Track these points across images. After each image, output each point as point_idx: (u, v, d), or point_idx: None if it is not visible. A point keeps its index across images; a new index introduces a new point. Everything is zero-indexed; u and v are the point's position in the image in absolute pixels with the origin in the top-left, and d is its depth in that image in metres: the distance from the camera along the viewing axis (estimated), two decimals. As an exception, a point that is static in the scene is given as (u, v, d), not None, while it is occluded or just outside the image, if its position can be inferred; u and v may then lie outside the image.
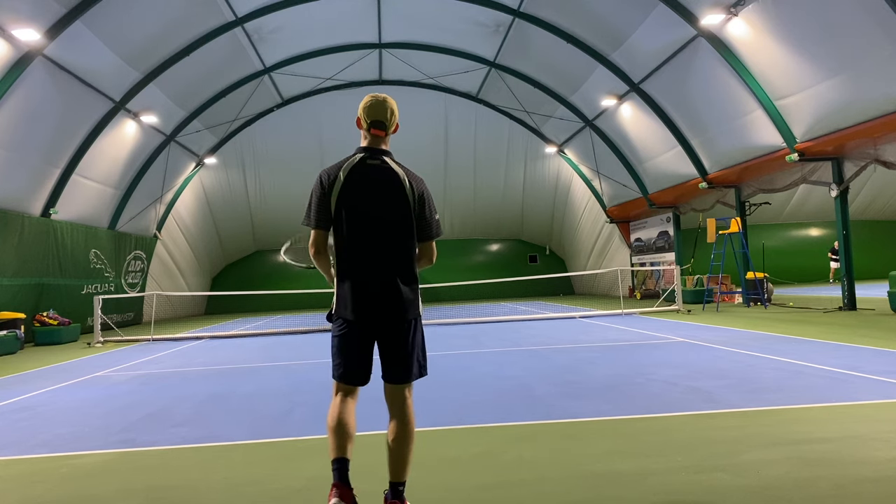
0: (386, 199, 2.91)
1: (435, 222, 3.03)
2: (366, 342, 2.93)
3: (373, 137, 3.04)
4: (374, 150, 3.01)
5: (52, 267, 16.24)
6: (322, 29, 19.21)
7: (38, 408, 6.42)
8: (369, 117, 3.03)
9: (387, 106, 3.05)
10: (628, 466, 3.58)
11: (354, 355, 2.92)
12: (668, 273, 21.01)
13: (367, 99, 3.07)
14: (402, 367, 2.95)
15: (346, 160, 2.98)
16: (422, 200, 2.97)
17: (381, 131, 3.03)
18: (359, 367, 2.94)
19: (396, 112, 3.09)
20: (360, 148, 3.05)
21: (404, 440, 2.88)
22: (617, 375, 6.62)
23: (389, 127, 3.07)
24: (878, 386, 5.39)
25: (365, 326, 2.90)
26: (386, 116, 3.04)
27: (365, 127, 3.05)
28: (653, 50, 16.10)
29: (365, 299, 2.88)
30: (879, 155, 12.74)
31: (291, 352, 10.72)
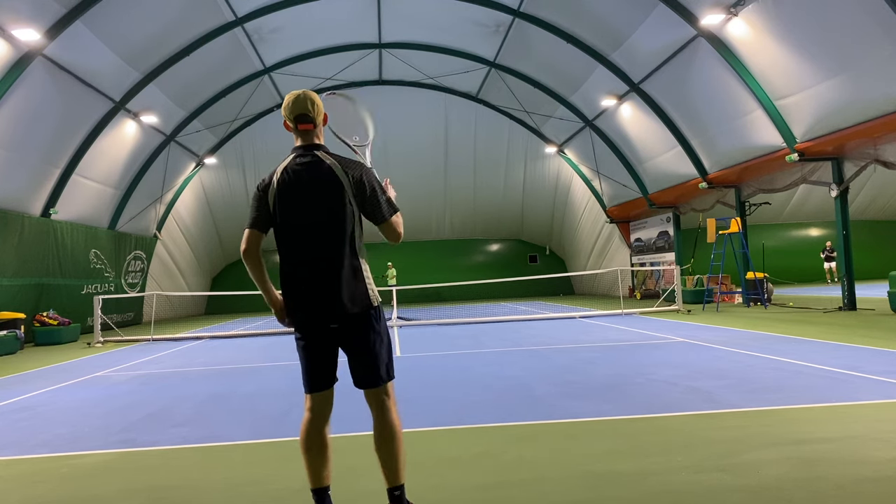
0: (317, 197, 2.81)
1: (384, 202, 2.87)
2: (320, 347, 2.83)
3: (302, 134, 2.93)
4: (305, 147, 2.91)
5: (52, 267, 16.24)
6: (322, 29, 19.20)
7: (38, 408, 6.42)
8: (292, 113, 2.92)
9: (307, 97, 2.93)
10: (628, 466, 3.58)
11: (311, 362, 2.84)
12: (668, 273, 21.01)
13: (287, 98, 2.95)
14: (364, 368, 2.83)
15: (282, 162, 2.92)
16: (360, 185, 2.83)
17: (307, 125, 2.92)
18: (318, 373, 2.85)
19: (319, 103, 2.98)
20: (293, 148, 2.97)
21: (389, 443, 2.80)
22: (617, 375, 6.62)
23: (316, 118, 2.94)
24: (878, 386, 5.39)
25: (313, 331, 2.82)
26: (308, 108, 2.91)
27: (292, 126, 2.95)
28: (653, 50, 16.10)
29: (305, 302, 2.80)
30: (879, 155, 12.74)
31: (291, 352, 10.68)
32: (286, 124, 2.97)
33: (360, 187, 2.84)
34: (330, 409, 2.91)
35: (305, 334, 2.84)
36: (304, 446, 2.82)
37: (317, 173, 2.83)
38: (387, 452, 2.79)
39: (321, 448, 2.82)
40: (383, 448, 2.80)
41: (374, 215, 2.87)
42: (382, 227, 2.91)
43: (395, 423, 2.83)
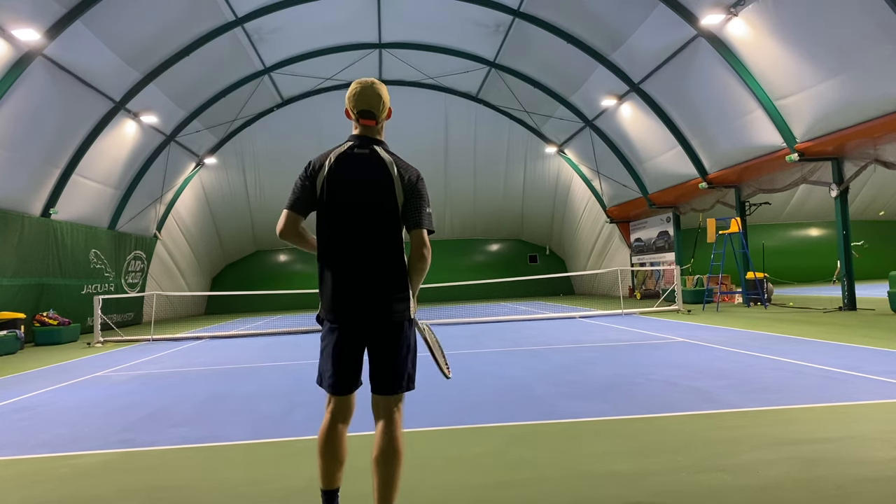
0: (369, 189, 2.69)
1: (425, 214, 2.73)
2: (351, 345, 2.70)
3: (363, 128, 2.82)
4: (363, 139, 2.80)
5: (52, 267, 16.24)
6: (322, 29, 19.21)
7: (38, 408, 6.41)
8: (357, 107, 2.80)
9: (374, 92, 2.80)
10: (628, 466, 3.57)
11: (339, 360, 2.71)
12: (668, 273, 21.01)
13: (353, 87, 2.81)
14: (388, 374, 2.70)
15: (335, 148, 2.80)
16: (412, 191, 2.71)
17: (370, 121, 2.81)
18: (345, 374, 2.72)
19: (386, 97, 2.85)
20: (351, 136, 2.85)
21: (392, 460, 2.61)
22: (617, 375, 6.62)
23: (380, 115, 2.82)
24: (878, 386, 5.39)
25: (348, 327, 2.69)
26: (374, 104, 2.80)
27: (354, 117, 2.84)
28: (653, 50, 16.10)
29: (345, 297, 2.66)
30: (879, 155, 12.74)
31: (291, 352, 10.72)
32: (347, 112, 2.85)
33: (411, 192, 2.71)
34: (352, 413, 2.81)
35: (341, 330, 2.70)
36: (322, 448, 2.71)
37: (373, 167, 2.72)
38: (388, 471, 2.60)
39: (339, 451, 2.73)
40: (384, 466, 2.60)
41: (412, 218, 2.71)
42: (413, 235, 2.74)
43: (401, 440, 2.68)
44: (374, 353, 2.72)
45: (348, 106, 2.83)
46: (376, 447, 2.64)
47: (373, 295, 2.65)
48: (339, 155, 2.75)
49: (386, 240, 2.69)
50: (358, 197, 2.69)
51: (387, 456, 2.60)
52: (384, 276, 2.67)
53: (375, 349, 2.71)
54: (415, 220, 2.72)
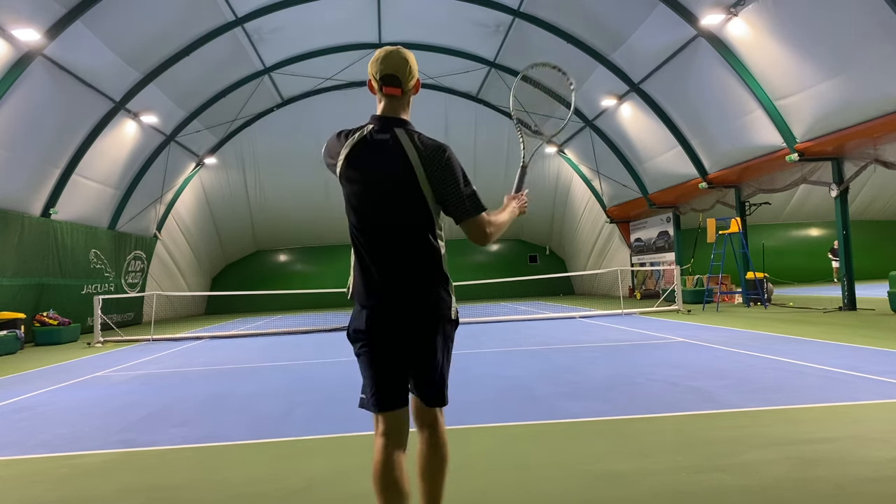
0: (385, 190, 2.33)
1: (467, 197, 2.34)
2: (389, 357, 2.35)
3: (387, 100, 2.41)
4: (384, 121, 2.39)
5: (52, 267, 16.24)
6: (322, 29, 19.21)
7: (38, 408, 6.41)
8: (380, 71, 2.38)
9: (400, 56, 2.39)
10: (628, 466, 3.57)
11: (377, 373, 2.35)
12: (668, 273, 21.01)
13: (377, 53, 2.42)
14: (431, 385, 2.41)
15: (356, 130, 2.41)
16: (441, 178, 2.31)
17: (395, 88, 2.38)
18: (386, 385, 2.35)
19: (414, 64, 2.43)
20: (372, 117, 2.45)
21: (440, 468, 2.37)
22: (617, 375, 6.62)
23: (407, 82, 2.40)
24: (878, 386, 5.39)
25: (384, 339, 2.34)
26: (401, 69, 2.38)
27: (376, 86, 2.42)
28: (653, 50, 16.10)
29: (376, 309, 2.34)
30: (879, 155, 12.73)
31: (291, 352, 10.72)
32: (370, 84, 2.45)
33: (440, 179, 2.32)
34: (407, 434, 2.37)
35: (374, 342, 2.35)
36: (379, 483, 2.26)
37: (393, 157, 2.32)
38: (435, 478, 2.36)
39: (400, 482, 2.26)
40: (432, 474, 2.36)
41: (455, 210, 2.36)
42: (465, 227, 2.41)
43: (447, 443, 2.44)
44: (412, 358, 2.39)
45: (371, 73, 2.43)
46: (420, 454, 2.42)
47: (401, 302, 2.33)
48: (356, 143, 2.38)
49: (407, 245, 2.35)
50: (380, 204, 2.34)
51: (433, 463, 2.39)
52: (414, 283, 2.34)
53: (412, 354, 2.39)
54: (459, 212, 2.36)
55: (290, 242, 30.38)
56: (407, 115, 2.46)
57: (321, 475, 3.73)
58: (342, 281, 2.91)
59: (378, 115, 2.44)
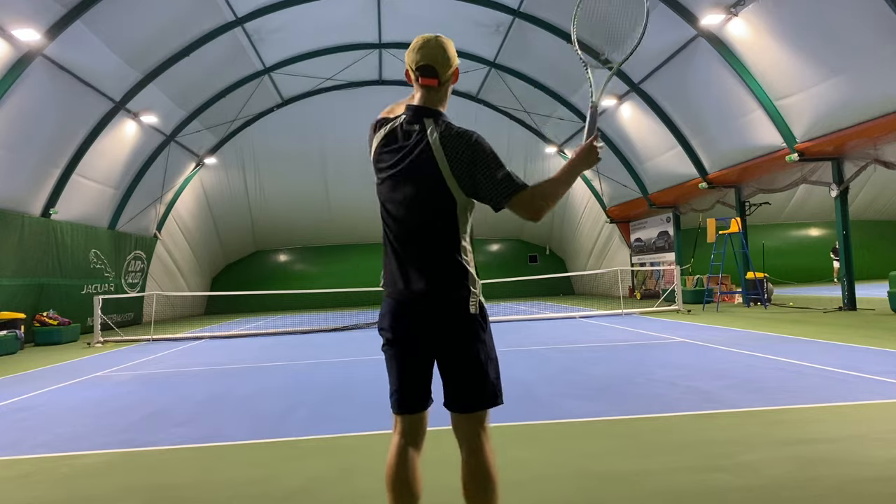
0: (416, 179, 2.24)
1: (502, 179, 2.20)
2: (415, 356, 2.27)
3: (423, 91, 2.34)
4: (416, 112, 2.32)
5: (52, 267, 16.24)
6: (322, 29, 19.21)
7: (38, 408, 6.41)
8: (416, 62, 2.30)
9: (439, 44, 2.29)
10: (628, 466, 3.57)
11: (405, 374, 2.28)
12: (668, 273, 21.01)
13: (415, 41, 2.34)
14: (464, 387, 2.22)
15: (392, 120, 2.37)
16: (468, 166, 2.21)
17: (431, 80, 2.30)
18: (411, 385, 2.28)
19: (453, 53, 2.32)
20: (407, 106, 2.39)
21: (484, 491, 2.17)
22: (617, 375, 6.62)
23: (444, 73, 2.31)
24: (878, 386, 5.39)
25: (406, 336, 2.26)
26: (438, 59, 2.29)
27: (413, 77, 2.35)
28: (653, 50, 16.09)
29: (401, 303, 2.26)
30: (879, 155, 12.74)
31: (291, 352, 10.72)
32: (407, 74, 2.38)
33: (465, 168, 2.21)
34: (424, 435, 2.34)
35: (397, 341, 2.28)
36: (391, 481, 2.22)
37: (418, 150, 2.24)
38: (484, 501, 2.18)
39: (413, 483, 2.22)
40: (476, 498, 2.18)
41: (490, 197, 2.23)
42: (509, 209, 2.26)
43: (493, 465, 2.22)
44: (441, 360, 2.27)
45: (407, 63, 2.36)
46: (463, 476, 2.23)
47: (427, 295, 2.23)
48: (387, 133, 2.33)
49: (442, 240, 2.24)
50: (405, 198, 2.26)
51: (478, 483, 2.18)
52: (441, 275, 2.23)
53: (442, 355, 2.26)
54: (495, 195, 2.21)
55: (290, 242, 30.38)
56: (443, 105, 2.38)
57: (321, 475, 3.73)
58: (342, 281, 2.91)
59: (412, 104, 2.37)
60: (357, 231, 28.19)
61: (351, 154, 22.89)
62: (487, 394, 2.24)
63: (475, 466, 2.20)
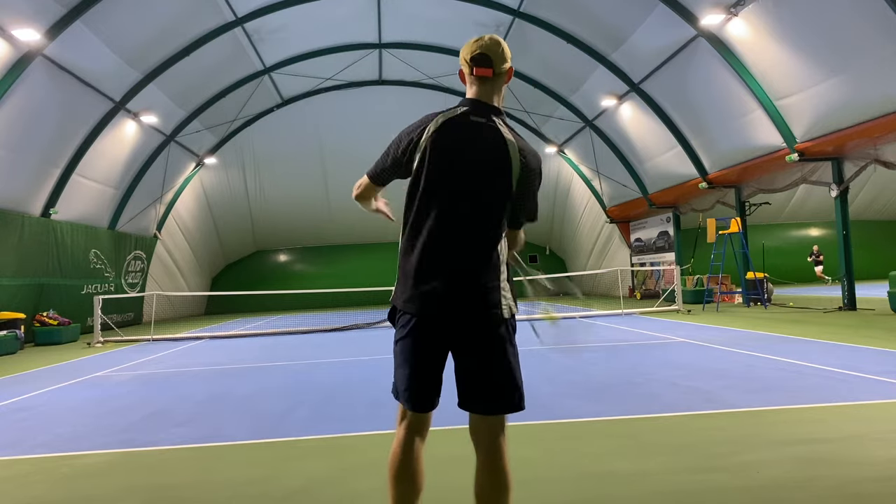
0: (483, 173, 2.21)
1: (534, 208, 2.35)
2: (437, 347, 2.22)
3: (479, 83, 2.30)
4: (480, 105, 2.29)
5: (52, 267, 16.24)
6: (322, 29, 19.22)
7: (38, 408, 6.41)
8: (472, 52, 2.29)
9: (495, 41, 2.31)
10: (628, 466, 3.57)
11: (423, 366, 2.21)
12: (668, 273, 21.01)
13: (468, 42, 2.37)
14: (491, 387, 2.19)
15: (442, 112, 2.33)
16: (530, 183, 2.27)
17: (486, 69, 2.27)
18: (427, 384, 2.22)
19: (508, 52, 2.34)
20: (463, 99, 2.35)
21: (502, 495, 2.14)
22: (617, 375, 6.62)
23: (499, 65, 2.30)
24: (878, 386, 5.39)
25: (436, 323, 2.18)
26: (493, 49, 2.29)
27: (467, 69, 2.32)
28: (653, 50, 16.10)
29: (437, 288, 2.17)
30: (879, 155, 12.74)
31: (291, 352, 10.72)
32: (461, 72, 2.37)
33: (528, 183, 2.28)
34: (428, 430, 2.32)
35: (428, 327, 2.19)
36: (396, 472, 2.20)
37: (490, 146, 2.23)
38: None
39: (417, 474, 2.22)
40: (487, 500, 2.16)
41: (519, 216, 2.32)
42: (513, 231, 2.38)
43: (510, 473, 2.19)
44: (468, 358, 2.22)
45: (462, 57, 2.35)
46: (481, 481, 2.19)
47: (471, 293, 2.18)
48: (446, 121, 2.26)
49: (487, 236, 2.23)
50: (464, 184, 2.21)
51: (497, 488, 2.15)
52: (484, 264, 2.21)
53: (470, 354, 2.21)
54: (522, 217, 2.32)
55: (290, 242, 30.38)
56: (500, 103, 2.36)
57: (321, 475, 3.73)
58: (342, 281, 2.89)
59: (470, 98, 2.33)
60: (357, 231, 28.20)
61: (351, 154, 22.89)
62: (515, 397, 2.22)
63: (494, 471, 2.16)
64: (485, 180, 2.21)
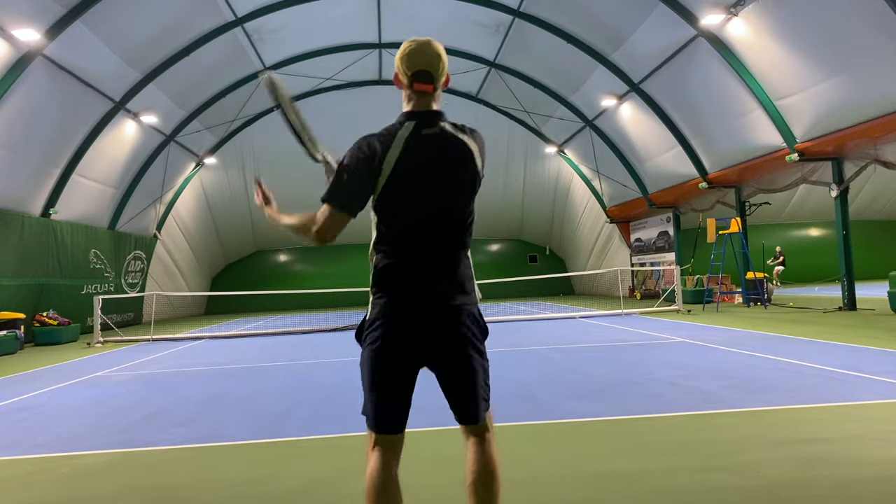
0: (452, 182, 2.19)
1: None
2: (410, 369, 2.19)
3: (418, 97, 2.25)
4: (425, 115, 2.24)
5: (52, 267, 16.24)
6: (322, 29, 19.21)
7: (38, 408, 6.41)
8: (410, 67, 2.24)
9: (433, 50, 2.26)
10: (628, 466, 3.57)
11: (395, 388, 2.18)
12: (668, 273, 21.00)
13: (406, 45, 2.27)
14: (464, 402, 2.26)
15: (394, 128, 2.21)
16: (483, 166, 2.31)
17: (427, 85, 2.24)
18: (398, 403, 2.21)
19: (445, 58, 2.31)
20: (405, 114, 2.27)
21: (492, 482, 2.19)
22: (617, 375, 6.62)
23: (439, 79, 2.28)
24: (878, 386, 5.39)
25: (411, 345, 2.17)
26: (434, 65, 2.25)
27: (406, 82, 2.26)
28: (653, 50, 16.10)
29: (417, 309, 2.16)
30: (879, 155, 12.74)
31: (291, 352, 10.72)
32: (397, 79, 2.31)
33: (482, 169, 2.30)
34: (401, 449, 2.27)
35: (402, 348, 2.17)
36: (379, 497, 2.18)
37: (453, 153, 2.20)
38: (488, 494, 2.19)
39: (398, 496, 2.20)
40: (484, 490, 2.19)
41: None
42: None
43: (497, 459, 2.26)
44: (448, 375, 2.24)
45: (399, 69, 2.28)
46: (473, 471, 2.21)
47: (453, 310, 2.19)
48: (407, 139, 2.17)
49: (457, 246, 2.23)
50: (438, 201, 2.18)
51: (486, 476, 2.19)
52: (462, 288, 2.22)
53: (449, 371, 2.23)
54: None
55: (290, 242, 30.38)
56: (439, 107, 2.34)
57: (321, 475, 3.73)
58: (342, 281, 2.88)
59: (413, 110, 2.26)
60: (356, 231, 27.90)
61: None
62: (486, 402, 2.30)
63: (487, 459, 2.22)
64: (455, 192, 2.20)
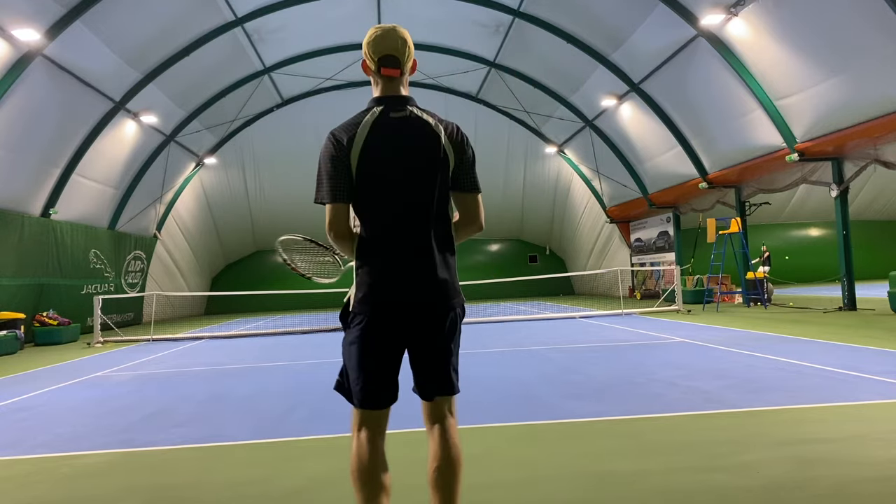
0: (419, 163, 2.23)
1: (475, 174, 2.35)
2: (395, 345, 2.24)
3: (385, 81, 2.32)
4: (393, 99, 2.31)
5: (52, 267, 16.24)
6: (322, 29, 19.22)
7: (38, 408, 6.41)
8: (377, 53, 2.29)
9: (398, 35, 2.31)
10: (628, 466, 3.57)
11: (380, 364, 2.23)
12: (668, 273, 21.01)
13: (372, 31, 2.33)
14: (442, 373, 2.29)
15: (361, 115, 2.29)
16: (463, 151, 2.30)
17: (394, 70, 2.30)
18: (386, 382, 2.24)
19: (411, 43, 2.36)
20: (374, 99, 2.34)
21: (455, 469, 2.22)
22: (617, 375, 6.62)
23: (405, 63, 2.33)
24: (878, 386, 5.39)
25: (394, 321, 2.21)
26: (399, 50, 2.30)
27: (373, 68, 2.33)
28: (653, 50, 16.10)
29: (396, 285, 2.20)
30: (879, 155, 12.74)
31: (291, 352, 10.71)
32: (364, 65, 2.37)
33: (461, 151, 2.30)
34: (386, 427, 2.30)
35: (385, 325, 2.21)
36: (362, 478, 2.16)
37: (419, 131, 2.25)
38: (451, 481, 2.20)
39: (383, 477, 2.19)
40: (446, 476, 2.20)
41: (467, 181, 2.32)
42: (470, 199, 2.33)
43: (459, 444, 2.28)
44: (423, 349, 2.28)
45: (366, 54, 2.33)
46: (433, 457, 2.24)
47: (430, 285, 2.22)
48: (373, 122, 2.24)
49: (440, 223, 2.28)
50: (407, 175, 2.23)
51: (450, 462, 2.22)
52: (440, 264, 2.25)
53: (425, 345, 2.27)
54: (471, 183, 2.32)
55: (289, 242, 30.38)
56: (407, 91, 2.38)
57: (321, 475, 3.73)
58: (342, 281, 2.87)
59: (381, 96, 2.33)
60: (356, 231, 28.16)
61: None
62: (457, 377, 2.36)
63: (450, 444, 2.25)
64: (423, 173, 2.24)
